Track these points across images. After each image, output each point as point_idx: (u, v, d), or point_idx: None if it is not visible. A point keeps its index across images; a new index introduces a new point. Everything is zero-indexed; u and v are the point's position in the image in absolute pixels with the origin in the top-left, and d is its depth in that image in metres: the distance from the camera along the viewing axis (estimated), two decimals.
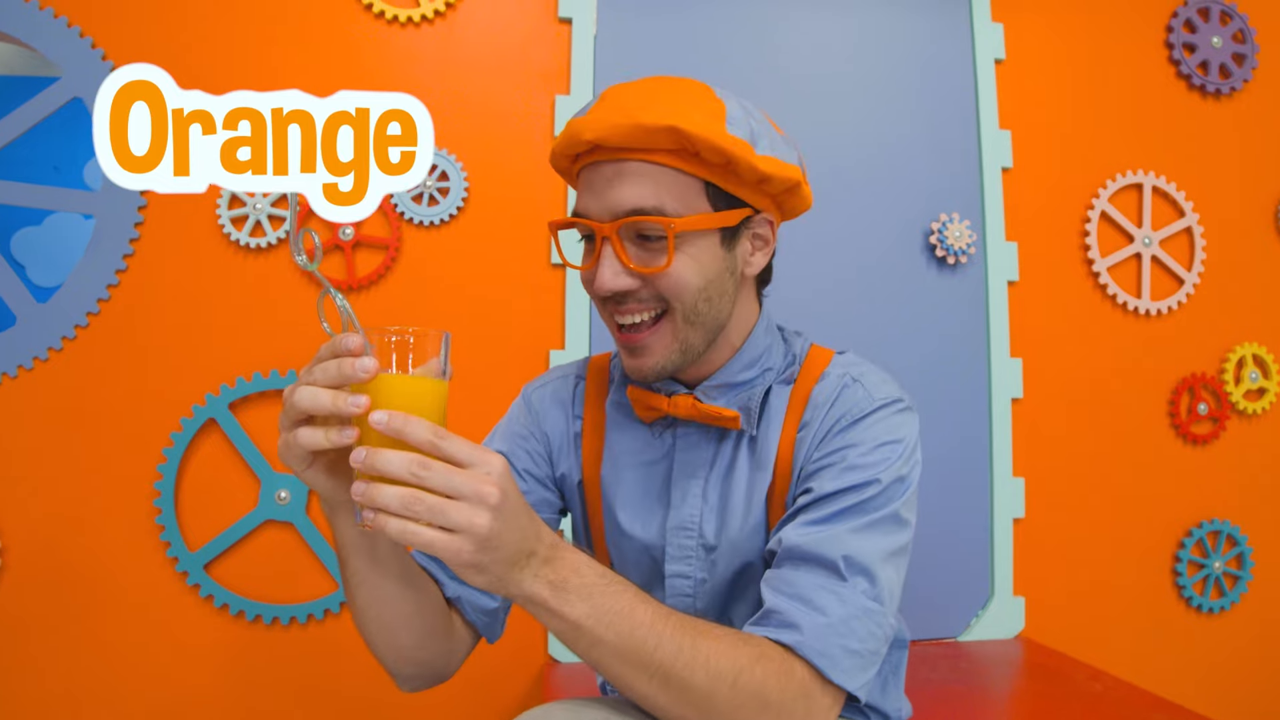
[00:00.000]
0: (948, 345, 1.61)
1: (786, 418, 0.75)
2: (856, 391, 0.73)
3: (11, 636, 1.34)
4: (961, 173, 1.64)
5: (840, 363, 0.78)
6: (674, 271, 0.68)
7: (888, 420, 0.71)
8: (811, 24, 1.63)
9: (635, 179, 0.67)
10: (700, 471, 0.76)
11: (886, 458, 0.69)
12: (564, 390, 0.86)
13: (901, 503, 0.68)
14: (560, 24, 1.54)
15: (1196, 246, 1.72)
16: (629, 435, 0.80)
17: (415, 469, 0.49)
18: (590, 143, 0.67)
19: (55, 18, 1.42)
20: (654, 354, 0.71)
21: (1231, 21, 1.77)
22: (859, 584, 0.63)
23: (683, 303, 0.69)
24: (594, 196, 0.69)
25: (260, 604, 1.39)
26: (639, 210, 0.67)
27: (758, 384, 0.76)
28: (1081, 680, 1.36)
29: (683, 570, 0.76)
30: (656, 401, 0.75)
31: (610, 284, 0.68)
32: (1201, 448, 1.69)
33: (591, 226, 0.69)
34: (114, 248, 1.42)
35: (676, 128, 0.64)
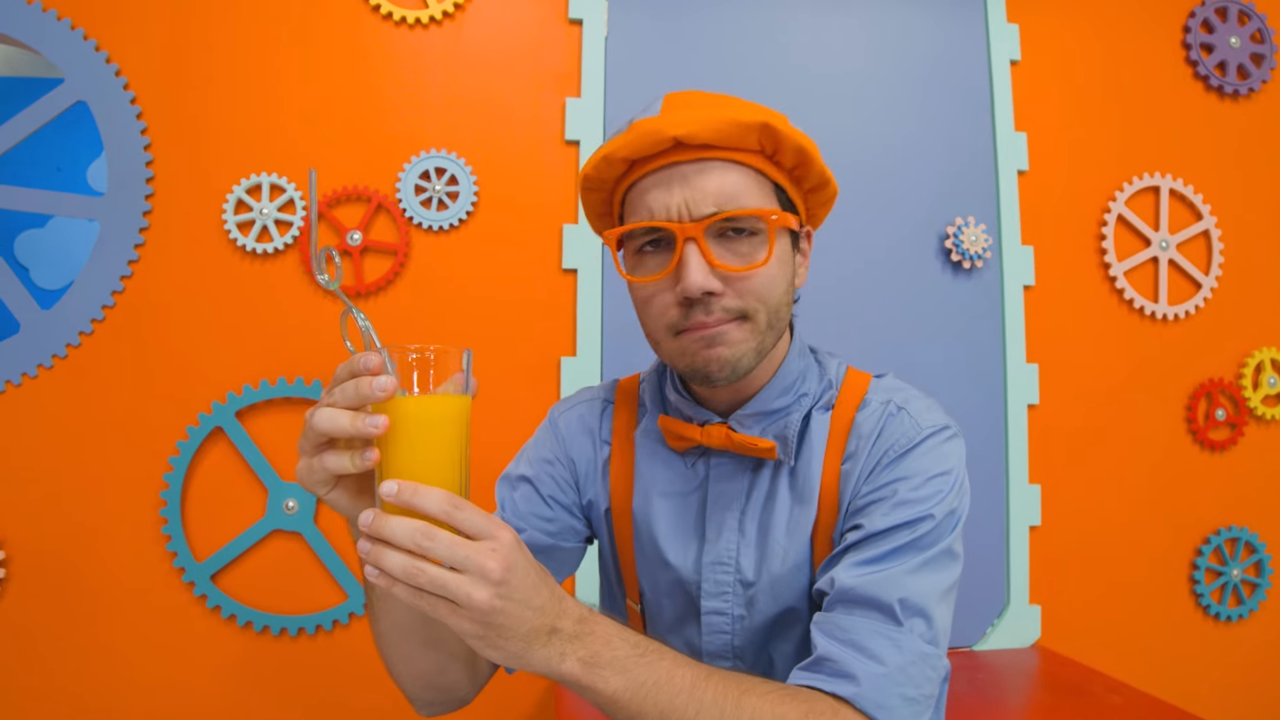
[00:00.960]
0: (963, 350, 1.59)
1: (829, 448, 0.72)
2: (903, 420, 0.70)
3: (17, 646, 1.33)
4: (977, 176, 1.62)
5: (881, 388, 0.74)
6: (768, 270, 0.66)
7: (937, 450, 0.68)
8: (824, 25, 1.61)
9: (723, 177, 0.64)
10: (736, 504, 0.73)
11: (938, 490, 0.66)
12: (591, 415, 0.83)
13: (953, 537, 0.66)
14: (570, 25, 1.52)
15: (1214, 250, 1.70)
16: (660, 464, 0.77)
17: (420, 539, 0.47)
18: (674, 139, 0.63)
19: (59, 20, 1.40)
20: (733, 343, 0.66)
21: (1250, 21, 1.75)
22: (916, 626, 0.61)
23: (767, 306, 0.66)
24: (671, 197, 0.64)
25: (268, 615, 1.37)
26: (732, 205, 0.64)
27: (794, 411, 0.73)
28: (1100, 692, 1.34)
29: (719, 607, 0.73)
30: (689, 431, 0.72)
31: (703, 282, 0.63)
32: (1219, 454, 1.67)
33: (670, 228, 0.64)
34: (119, 253, 1.40)
35: (769, 124, 0.63)
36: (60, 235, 2.69)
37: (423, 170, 1.44)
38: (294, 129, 1.43)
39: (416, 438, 0.51)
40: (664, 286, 0.66)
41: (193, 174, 1.41)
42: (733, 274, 0.65)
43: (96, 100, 1.41)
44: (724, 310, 0.65)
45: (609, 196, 0.72)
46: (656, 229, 0.66)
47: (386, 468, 0.51)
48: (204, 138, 1.42)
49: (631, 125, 0.66)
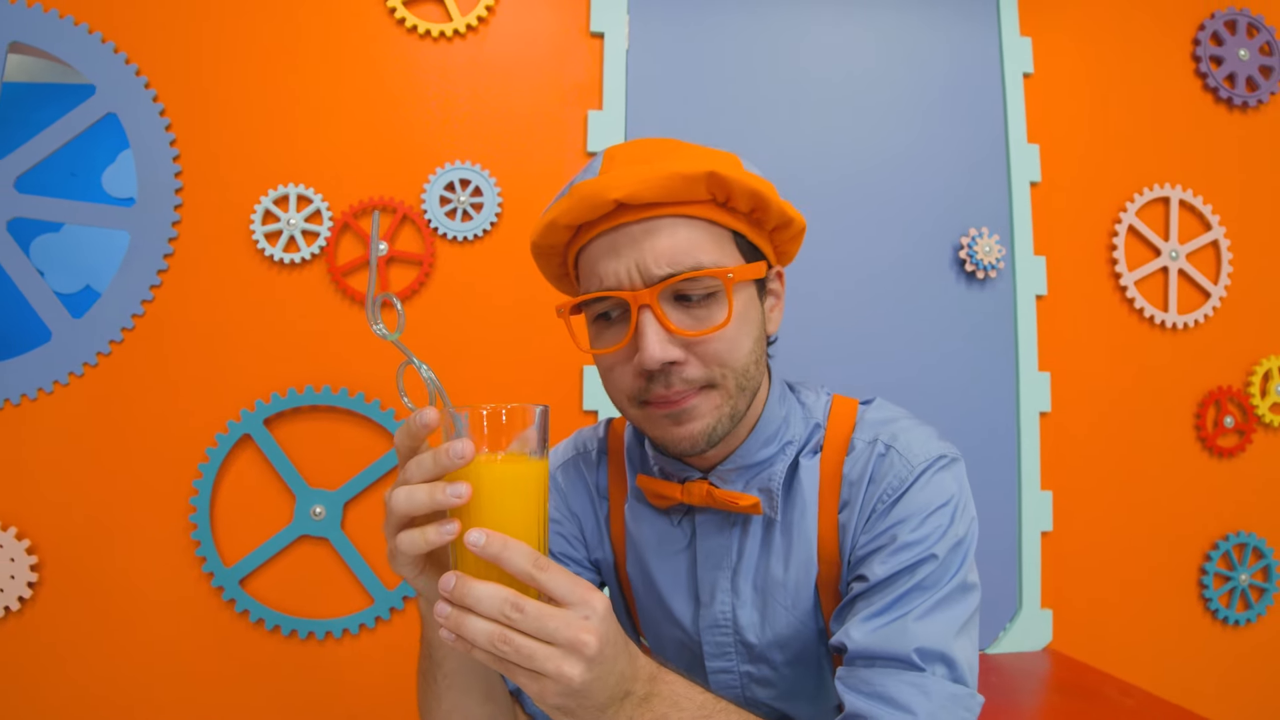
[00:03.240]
0: (977, 359, 1.62)
1: (822, 497, 0.69)
2: (892, 461, 0.67)
3: (48, 650, 1.35)
4: (990, 187, 1.65)
5: (867, 424, 0.70)
6: (729, 332, 0.62)
7: (932, 484, 0.65)
8: (840, 37, 1.63)
9: (672, 234, 0.61)
10: (725, 563, 0.71)
11: (938, 526, 0.63)
12: (588, 469, 0.80)
13: (964, 569, 0.64)
14: (592, 39, 1.54)
15: (1223, 260, 1.72)
16: (648, 525, 0.75)
17: (508, 610, 0.45)
18: (615, 201, 0.59)
19: (90, 33, 1.42)
20: (703, 415, 0.63)
21: (1259, 34, 1.77)
22: (938, 670, 0.59)
23: (734, 368, 0.63)
24: (620, 262, 0.61)
25: (295, 619, 1.39)
26: (686, 265, 0.60)
27: (778, 461, 0.70)
28: (1112, 695, 1.37)
29: (724, 666, 0.73)
30: (668, 490, 0.70)
31: (661, 353, 0.59)
32: (1227, 460, 1.70)
33: (622, 297, 0.60)
34: (149, 263, 1.42)
35: (715, 172, 0.60)
36: (75, 240, 2.72)
37: (447, 182, 1.47)
38: (321, 141, 1.46)
39: (497, 501, 0.49)
40: (623, 357, 0.63)
41: (221, 185, 1.44)
42: (693, 339, 0.61)
43: (126, 112, 1.43)
44: (684, 382, 0.62)
45: (563, 260, 0.69)
46: (608, 299, 0.62)
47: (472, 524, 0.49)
48: (232, 149, 1.44)
49: (572, 189, 0.62)
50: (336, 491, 1.41)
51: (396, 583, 1.43)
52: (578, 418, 1.47)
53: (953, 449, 0.69)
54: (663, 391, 0.62)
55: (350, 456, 1.42)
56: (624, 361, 0.63)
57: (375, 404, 1.42)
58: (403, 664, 1.42)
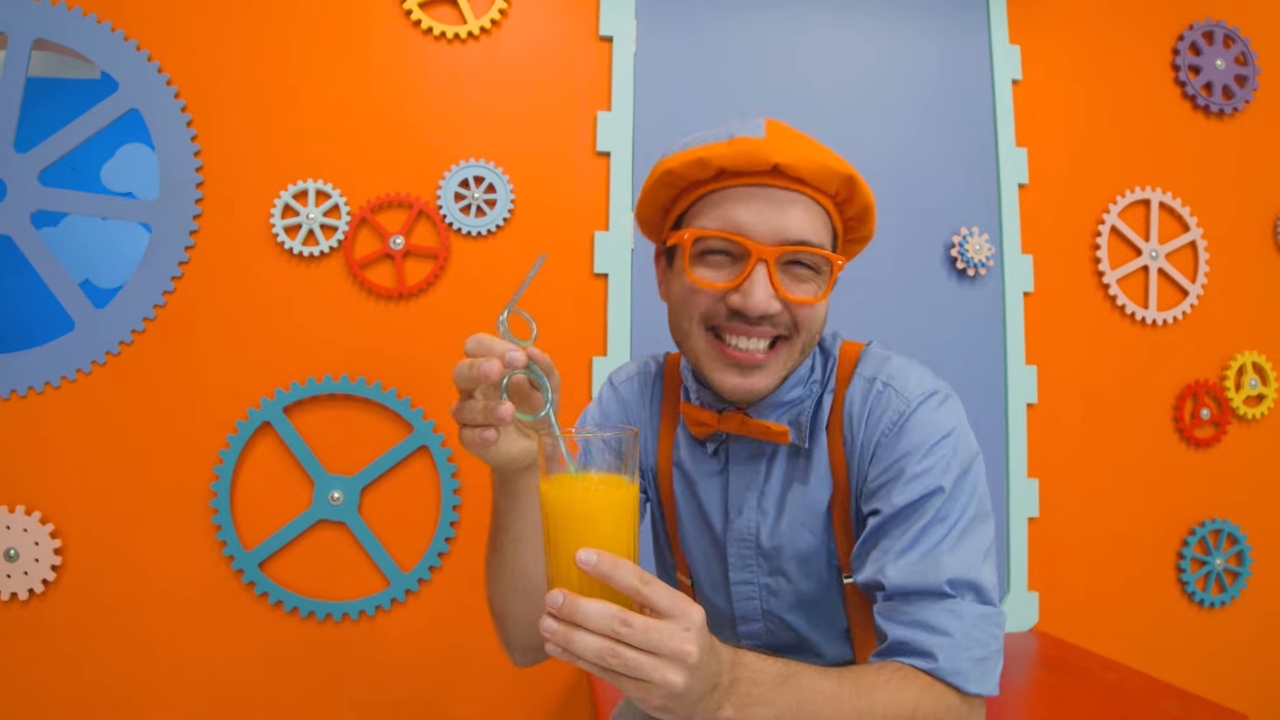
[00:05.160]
0: (967, 352, 1.69)
1: (830, 428, 0.77)
2: (889, 397, 0.74)
3: (72, 631, 1.39)
4: (980, 188, 1.72)
5: (866, 364, 0.78)
6: (821, 306, 0.72)
7: (930, 418, 0.71)
8: (837, 44, 1.70)
9: (805, 211, 0.70)
10: (754, 484, 0.79)
11: (942, 457, 0.69)
12: (645, 384, 0.89)
13: (975, 498, 0.69)
14: (601, 42, 1.60)
15: (1200, 260, 1.81)
16: (689, 447, 0.83)
17: (616, 626, 0.48)
18: (775, 164, 0.68)
19: (112, 31, 1.46)
20: (769, 373, 0.72)
21: (1234, 45, 1.86)
22: (967, 596, 0.66)
23: (809, 334, 0.72)
24: (757, 217, 0.69)
25: (313, 600, 1.44)
26: (808, 242, 0.69)
27: (806, 399, 0.77)
28: (1095, 670, 1.44)
29: (745, 578, 0.80)
30: (707, 417, 0.77)
31: (765, 305, 0.68)
32: (1204, 451, 1.78)
33: (749, 246, 0.68)
34: (170, 255, 1.46)
35: (854, 178, 0.70)
36: (74, 234, 2.74)
37: (462, 178, 1.52)
38: (339, 138, 1.51)
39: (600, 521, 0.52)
40: (717, 294, 0.70)
41: (241, 180, 1.48)
42: (791, 302, 0.70)
43: (148, 108, 1.47)
44: (774, 326, 0.70)
45: (678, 195, 0.75)
46: (734, 242, 0.69)
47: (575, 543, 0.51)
48: (252, 145, 1.49)
49: (734, 139, 0.69)
50: (354, 477, 1.46)
51: (412, 566, 1.47)
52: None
53: (945, 385, 0.75)
54: (743, 327, 0.70)
55: (367, 443, 1.47)
56: (716, 296, 0.70)
57: (392, 392, 1.47)
58: (419, 644, 1.47)
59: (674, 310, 0.75)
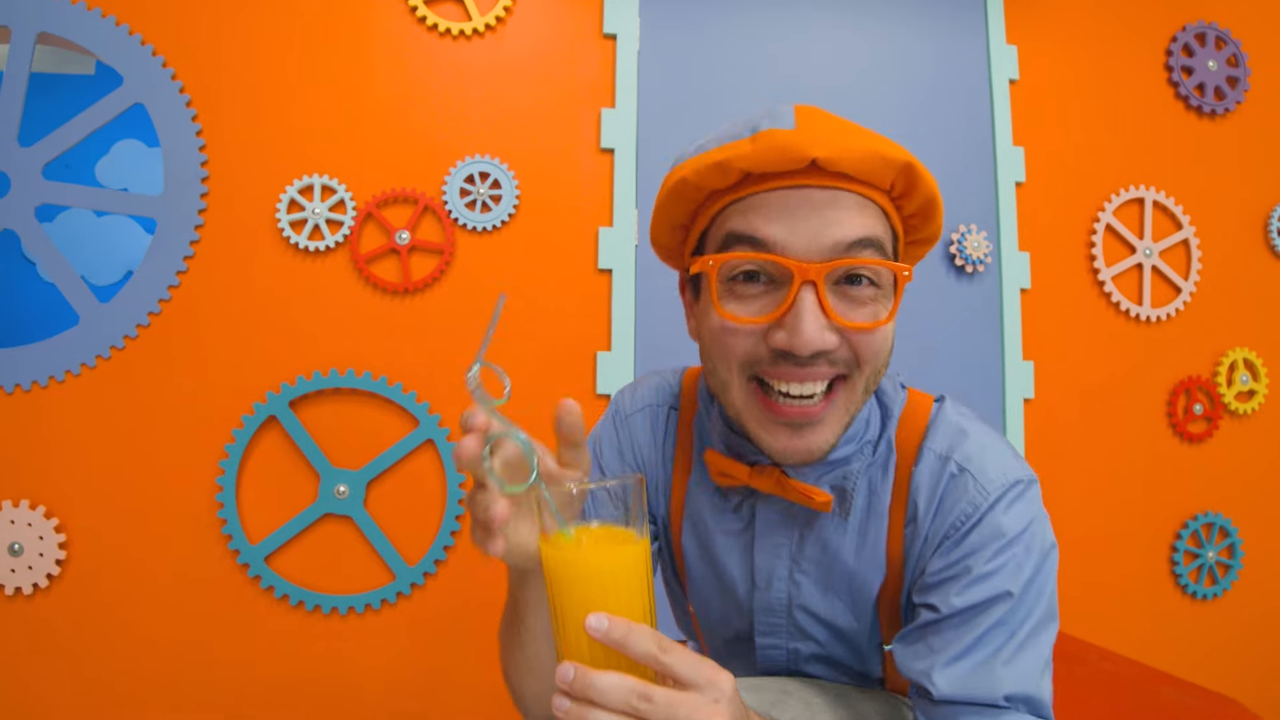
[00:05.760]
0: (965, 348, 1.71)
1: (893, 504, 0.64)
2: (965, 486, 0.61)
3: (76, 626, 1.39)
4: (978, 187, 1.75)
5: (938, 435, 0.65)
6: (887, 330, 0.57)
7: (1006, 514, 0.60)
8: (838, 44, 1.72)
9: (857, 212, 0.56)
10: (784, 552, 0.67)
11: (1013, 557, 0.59)
12: (657, 421, 0.75)
13: (1044, 599, 0.59)
14: (605, 40, 1.61)
15: (1193, 257, 1.84)
16: (708, 496, 0.71)
17: (635, 701, 0.43)
18: (812, 159, 0.54)
19: (117, 25, 1.46)
20: (828, 427, 0.58)
21: (1226, 46, 1.89)
22: (1021, 709, 0.57)
23: (873, 368, 0.58)
24: (797, 227, 0.55)
25: (319, 594, 1.44)
26: (863, 250, 0.56)
27: (855, 460, 0.65)
28: (1092, 660, 1.47)
29: (772, 643, 0.71)
30: (736, 470, 0.64)
31: (818, 340, 0.54)
32: (1196, 445, 1.81)
33: (789, 267, 0.55)
34: (175, 250, 1.46)
35: (912, 165, 0.56)
36: (68, 230, 2.72)
37: (468, 174, 1.53)
38: (344, 133, 1.51)
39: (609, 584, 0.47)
40: (759, 330, 0.57)
41: (247, 175, 1.48)
42: (850, 330, 0.56)
43: (153, 102, 1.47)
44: (830, 363, 0.57)
45: (697, 208, 0.62)
46: (770, 262, 0.56)
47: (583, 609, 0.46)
48: (258, 141, 1.49)
49: (759, 134, 0.56)
50: (359, 471, 1.47)
51: (417, 559, 1.48)
52: (591, 402, 1.54)
53: (1027, 470, 0.63)
54: (794, 370, 0.56)
55: (373, 437, 1.48)
56: (757, 334, 0.57)
57: (397, 387, 1.48)
58: (424, 638, 1.48)
59: (706, 353, 0.62)
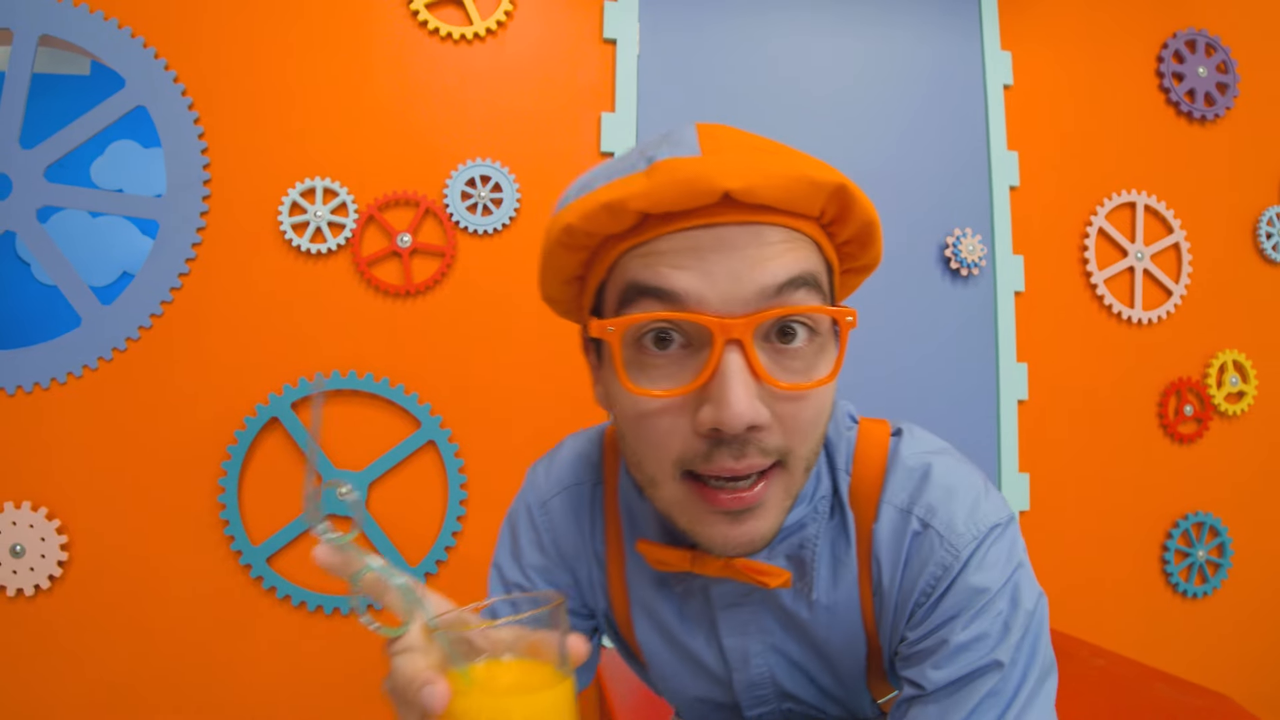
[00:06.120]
0: (960, 350, 1.74)
1: (860, 569, 0.56)
2: (931, 544, 0.53)
3: (78, 628, 1.39)
4: (973, 191, 1.77)
5: (896, 482, 0.56)
6: (829, 391, 0.48)
7: (982, 570, 0.52)
8: (835, 50, 1.74)
9: (785, 248, 0.46)
10: (752, 628, 0.59)
11: (998, 617, 0.51)
12: (580, 504, 0.64)
13: (1038, 659, 0.52)
14: (605, 44, 1.62)
15: (1183, 261, 1.86)
16: (653, 583, 0.61)
17: None
18: (724, 192, 0.44)
19: (119, 28, 1.47)
20: (769, 514, 0.49)
21: (1216, 53, 1.92)
22: None
23: (814, 439, 0.49)
24: (708, 273, 0.45)
25: (320, 595, 1.45)
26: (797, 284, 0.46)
27: (810, 524, 0.56)
28: (1085, 657, 1.49)
29: (762, 712, 0.64)
30: (673, 558, 0.55)
31: (750, 412, 0.44)
32: (1187, 446, 1.84)
33: (707, 324, 0.45)
34: (177, 252, 1.47)
35: (845, 187, 0.48)
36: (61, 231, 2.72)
37: (469, 177, 1.54)
38: (346, 136, 1.52)
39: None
40: (680, 405, 0.46)
41: (249, 178, 1.49)
42: (785, 394, 0.46)
43: (155, 105, 1.48)
44: (761, 452, 0.46)
45: (590, 257, 0.51)
46: (678, 321, 0.46)
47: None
48: (260, 144, 1.50)
49: (656, 165, 0.46)
50: (362, 472, 1.48)
51: (419, 560, 1.49)
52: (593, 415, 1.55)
53: (1001, 509, 0.55)
54: (731, 464, 0.46)
55: (375, 439, 1.49)
56: (679, 411, 0.46)
57: (399, 389, 1.49)
58: None
59: (626, 441, 0.51)
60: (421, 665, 0.40)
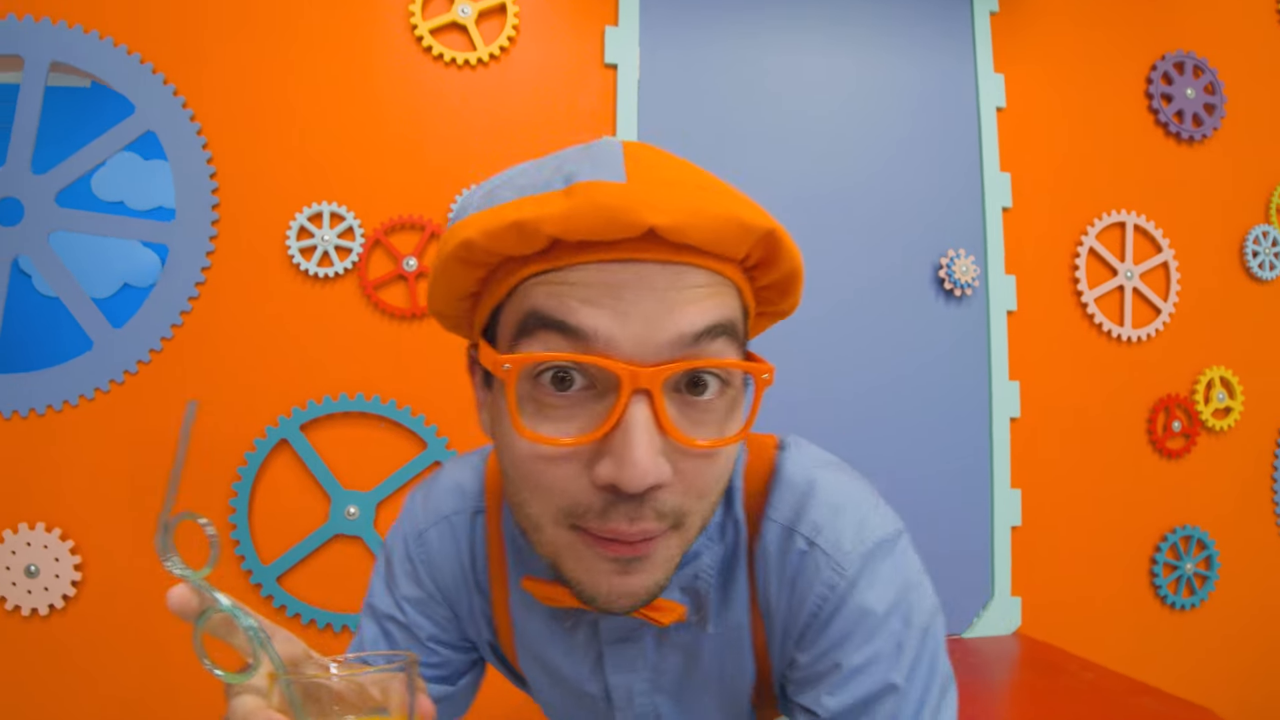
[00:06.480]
0: (954, 369, 1.77)
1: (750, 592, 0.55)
2: (817, 564, 0.51)
3: (91, 647, 1.42)
4: (967, 212, 1.80)
5: (781, 499, 0.54)
6: (733, 449, 0.46)
7: (872, 589, 0.51)
8: (830, 73, 1.77)
9: (704, 292, 0.43)
10: (639, 665, 0.58)
11: (891, 637, 0.50)
12: (459, 534, 0.62)
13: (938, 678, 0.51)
14: (605, 69, 1.65)
15: (1172, 279, 1.91)
16: (538, 617, 0.60)
17: None
18: (649, 227, 0.41)
19: (128, 55, 1.49)
20: (659, 568, 0.46)
21: (1203, 75, 1.96)
22: None
23: (711, 501, 0.46)
24: (619, 315, 0.41)
25: (330, 613, 1.48)
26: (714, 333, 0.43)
27: (704, 554, 0.54)
28: (1074, 670, 1.53)
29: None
30: (560, 595, 0.51)
31: (654, 469, 0.41)
32: (1175, 461, 1.88)
33: (616, 372, 0.41)
34: (187, 275, 1.49)
35: (776, 233, 0.45)
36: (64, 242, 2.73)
37: None
38: (352, 161, 1.55)
39: None
40: (575, 454, 0.43)
41: (257, 202, 1.52)
42: (692, 451, 0.43)
43: (164, 130, 1.50)
44: (657, 515, 0.43)
45: (489, 274, 0.46)
46: (584, 364, 0.42)
47: None
48: (267, 169, 1.52)
49: (576, 186, 0.42)
50: (369, 493, 1.51)
51: None
52: None
53: (889, 523, 0.54)
54: (625, 527, 0.43)
55: (382, 460, 1.52)
56: (573, 460, 0.43)
57: (406, 410, 1.51)
58: None
59: (511, 482, 0.47)
60: (260, 706, 0.38)
